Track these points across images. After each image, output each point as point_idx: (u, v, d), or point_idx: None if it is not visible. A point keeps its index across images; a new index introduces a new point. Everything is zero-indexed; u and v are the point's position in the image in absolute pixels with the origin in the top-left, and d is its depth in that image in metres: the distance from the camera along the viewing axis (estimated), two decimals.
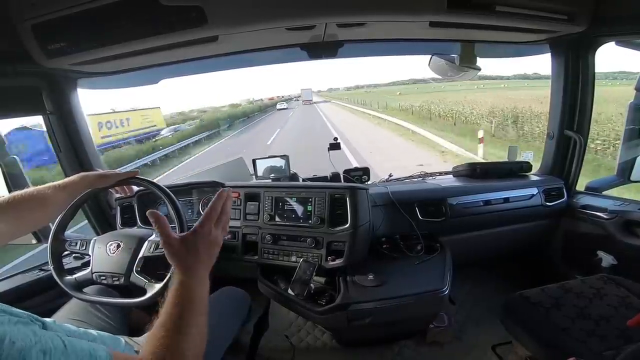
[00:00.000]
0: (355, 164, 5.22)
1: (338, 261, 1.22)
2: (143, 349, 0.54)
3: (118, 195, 1.46)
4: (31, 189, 0.80)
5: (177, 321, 0.55)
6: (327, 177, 1.65)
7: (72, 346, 0.42)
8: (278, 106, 43.29)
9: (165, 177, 8.66)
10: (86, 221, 1.53)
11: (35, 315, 0.50)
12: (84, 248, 1.07)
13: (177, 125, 21.74)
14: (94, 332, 0.77)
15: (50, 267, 0.99)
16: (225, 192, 0.70)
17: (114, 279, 1.01)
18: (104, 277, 1.02)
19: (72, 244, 1.06)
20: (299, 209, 1.28)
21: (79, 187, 0.89)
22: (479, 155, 7.88)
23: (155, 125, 18.85)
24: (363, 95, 56.10)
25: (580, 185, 1.65)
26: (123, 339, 0.83)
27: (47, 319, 0.56)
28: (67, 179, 0.87)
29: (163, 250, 1.07)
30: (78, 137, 1.37)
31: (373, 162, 7.31)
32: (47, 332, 0.42)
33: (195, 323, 0.57)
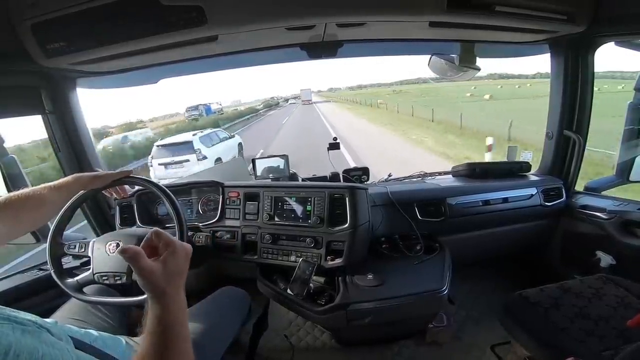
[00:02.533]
0: None
1: (337, 261, 1.22)
2: None
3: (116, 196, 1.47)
4: (27, 189, 0.80)
5: (163, 350, 0.50)
6: (326, 177, 1.65)
7: None
8: (290, 101, 46.02)
9: None
10: (85, 221, 1.53)
11: (41, 321, 0.49)
12: (82, 250, 1.06)
13: None
14: (94, 332, 0.77)
15: (51, 270, 0.99)
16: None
17: (115, 278, 1.01)
18: (105, 277, 1.02)
19: (71, 247, 1.06)
20: (299, 209, 1.28)
21: (73, 188, 0.89)
22: None
23: None
24: (390, 96, 36.31)
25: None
26: (123, 339, 0.83)
27: (49, 320, 0.55)
28: (61, 180, 0.87)
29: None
30: (77, 137, 1.37)
31: None
32: (57, 343, 0.41)
33: (182, 349, 0.52)
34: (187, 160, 6.97)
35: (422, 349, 1.47)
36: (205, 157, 7.11)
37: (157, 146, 7.39)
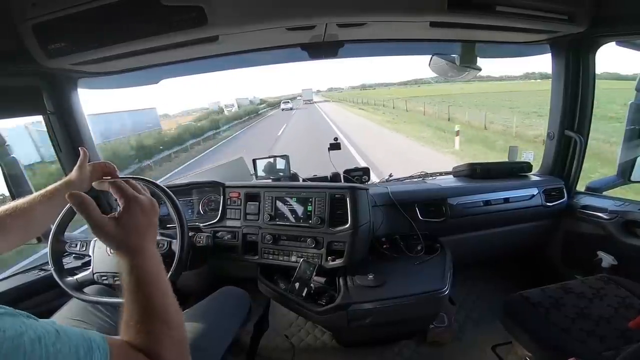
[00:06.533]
0: None
1: (338, 261, 1.22)
2: (121, 339, 0.49)
3: None
4: (20, 202, 0.78)
5: (147, 306, 0.50)
6: (327, 177, 1.65)
7: (64, 331, 0.41)
8: (282, 106, 39.36)
9: None
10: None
11: (24, 312, 0.50)
12: (84, 249, 1.07)
13: None
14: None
15: (51, 268, 0.99)
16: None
17: (115, 278, 1.01)
18: (105, 277, 1.02)
19: (72, 245, 1.06)
20: (299, 209, 1.28)
21: (64, 194, 0.88)
22: None
23: None
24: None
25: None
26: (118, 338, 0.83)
27: (45, 320, 0.55)
28: (51, 187, 0.85)
29: (163, 248, 1.08)
30: (78, 137, 1.37)
31: None
32: (35, 321, 0.41)
33: (165, 303, 0.52)
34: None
35: (423, 349, 1.47)
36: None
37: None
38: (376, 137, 11.95)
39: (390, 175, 1.79)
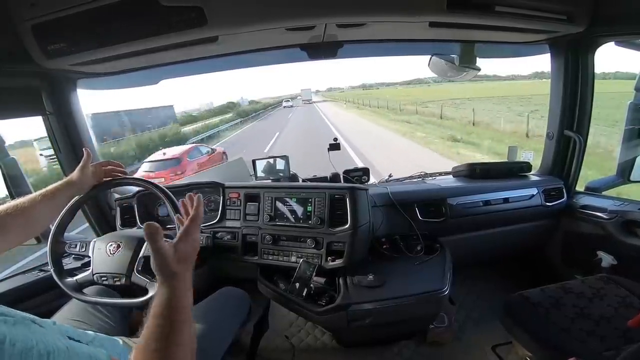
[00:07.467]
0: None
1: (338, 261, 1.22)
2: None
3: (117, 196, 1.47)
4: (20, 201, 0.78)
5: (168, 332, 0.53)
6: (327, 177, 1.65)
7: (73, 349, 0.42)
8: (284, 104, 44.44)
9: None
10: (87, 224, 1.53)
11: (32, 316, 0.50)
12: (83, 250, 1.06)
13: None
14: (91, 333, 0.77)
15: (51, 269, 0.99)
16: (200, 197, 0.72)
17: (115, 279, 1.01)
18: (105, 278, 1.02)
19: (72, 246, 1.06)
20: (299, 210, 1.28)
21: (65, 194, 0.89)
22: None
23: None
24: None
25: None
26: (121, 339, 0.83)
27: (47, 320, 0.55)
28: (53, 186, 0.86)
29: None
30: (78, 138, 1.37)
31: None
32: (47, 334, 0.41)
33: (186, 332, 0.55)
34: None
35: (423, 349, 1.47)
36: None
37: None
38: None
39: (390, 176, 1.79)
